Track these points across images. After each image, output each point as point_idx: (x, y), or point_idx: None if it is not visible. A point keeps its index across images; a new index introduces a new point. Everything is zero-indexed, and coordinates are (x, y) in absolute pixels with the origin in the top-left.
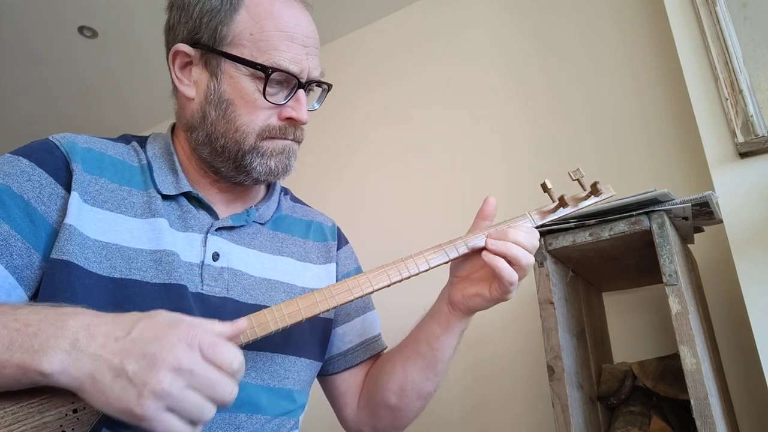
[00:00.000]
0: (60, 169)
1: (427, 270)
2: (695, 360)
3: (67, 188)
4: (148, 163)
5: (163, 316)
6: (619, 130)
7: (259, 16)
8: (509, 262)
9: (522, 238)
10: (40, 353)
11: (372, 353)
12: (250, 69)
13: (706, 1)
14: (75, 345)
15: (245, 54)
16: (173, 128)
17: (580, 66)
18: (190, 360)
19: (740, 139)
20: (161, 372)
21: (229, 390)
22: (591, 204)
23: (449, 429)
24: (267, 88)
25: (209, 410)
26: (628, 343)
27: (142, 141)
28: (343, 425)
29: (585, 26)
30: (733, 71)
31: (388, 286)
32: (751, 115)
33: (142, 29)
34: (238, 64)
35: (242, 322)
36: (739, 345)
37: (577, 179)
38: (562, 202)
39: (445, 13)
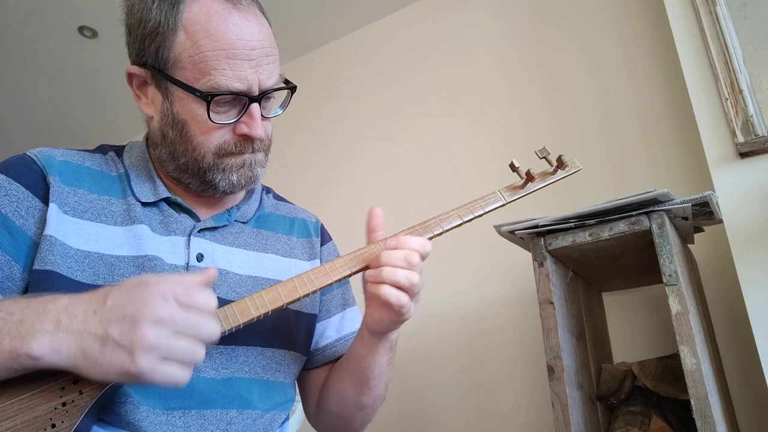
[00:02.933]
0: (37, 182)
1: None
2: (695, 360)
3: (45, 201)
4: (126, 172)
5: (131, 281)
6: (618, 130)
7: (196, 35)
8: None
9: (397, 259)
10: (28, 338)
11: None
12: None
13: (706, 1)
14: (59, 326)
15: (187, 77)
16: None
17: (579, 66)
18: (167, 310)
19: (740, 139)
20: (143, 327)
21: (213, 328)
22: (559, 178)
23: (449, 429)
24: (214, 110)
25: (200, 351)
26: (628, 343)
27: (119, 150)
28: (308, 420)
29: (585, 26)
30: (733, 71)
31: (367, 268)
32: (751, 115)
33: None
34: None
35: (212, 270)
36: (739, 345)
37: (544, 157)
38: (530, 177)
39: (444, 14)
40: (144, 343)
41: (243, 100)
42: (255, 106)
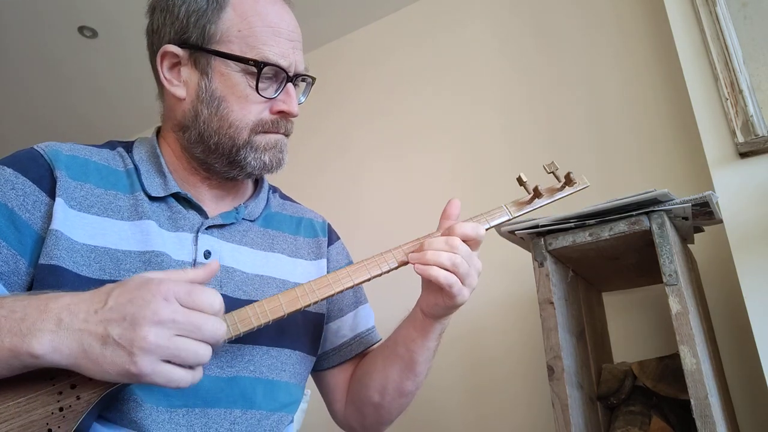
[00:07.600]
0: (44, 176)
1: (405, 264)
2: (695, 360)
3: (51, 195)
4: (135, 166)
5: (133, 280)
6: (618, 130)
7: (246, 13)
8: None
9: (439, 242)
10: (29, 336)
11: (366, 345)
12: (241, 65)
13: (706, 1)
14: (60, 324)
15: (234, 50)
16: (158, 131)
17: (579, 66)
18: (168, 311)
19: (740, 139)
20: (144, 328)
21: (217, 327)
22: (566, 195)
23: (448, 427)
24: (259, 83)
25: (204, 351)
26: (628, 343)
27: (128, 146)
28: (334, 419)
29: (585, 26)
30: (733, 71)
31: (368, 280)
32: (751, 115)
33: (142, 29)
34: (228, 61)
35: (214, 264)
36: (739, 345)
37: (552, 172)
38: (537, 193)
39: (446, 9)
40: (143, 344)
41: (281, 77)
42: (291, 85)
